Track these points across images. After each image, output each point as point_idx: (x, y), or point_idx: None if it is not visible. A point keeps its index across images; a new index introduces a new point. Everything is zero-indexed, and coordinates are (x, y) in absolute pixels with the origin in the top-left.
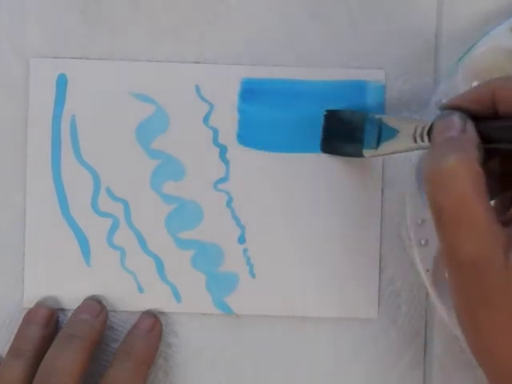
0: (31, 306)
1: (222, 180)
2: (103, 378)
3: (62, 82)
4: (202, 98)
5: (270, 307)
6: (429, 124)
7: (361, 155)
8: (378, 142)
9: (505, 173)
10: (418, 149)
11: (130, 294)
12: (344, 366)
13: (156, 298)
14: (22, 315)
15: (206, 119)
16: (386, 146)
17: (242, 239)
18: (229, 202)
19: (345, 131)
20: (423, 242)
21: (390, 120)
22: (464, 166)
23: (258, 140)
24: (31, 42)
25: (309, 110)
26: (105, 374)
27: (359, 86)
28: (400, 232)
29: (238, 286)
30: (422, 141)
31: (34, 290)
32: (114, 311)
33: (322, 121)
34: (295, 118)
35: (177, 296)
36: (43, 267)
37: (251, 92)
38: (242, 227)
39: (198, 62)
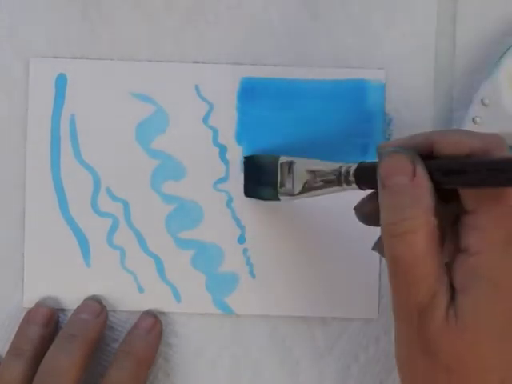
0: (31, 305)
1: (222, 180)
2: (103, 378)
3: (61, 82)
4: (202, 98)
5: (270, 307)
6: (354, 165)
7: (277, 199)
8: (294, 185)
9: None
10: (343, 191)
11: (130, 294)
12: (344, 366)
13: (156, 298)
14: (22, 315)
15: (205, 119)
16: (304, 189)
17: (241, 239)
18: (229, 202)
19: (261, 175)
20: None
21: (305, 163)
22: (419, 221)
23: (258, 140)
24: (31, 42)
25: (309, 109)
26: (105, 374)
27: (359, 86)
28: None
29: (238, 286)
30: (348, 184)
31: (34, 290)
32: (114, 311)
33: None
34: (295, 118)
35: (177, 296)
36: (43, 267)
37: (251, 92)
38: (242, 227)
39: (197, 62)
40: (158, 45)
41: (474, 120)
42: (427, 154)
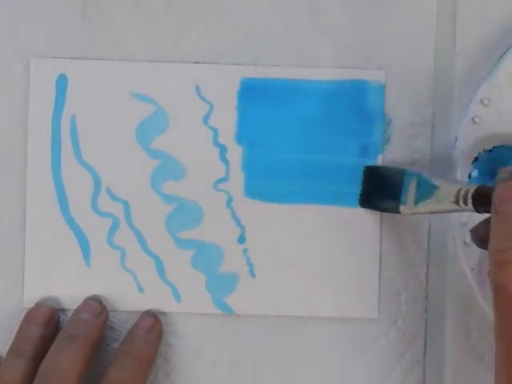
0: (31, 305)
1: (222, 180)
2: (103, 378)
3: (62, 82)
4: (202, 98)
5: (270, 307)
6: (473, 188)
7: (398, 212)
8: (416, 201)
9: None
10: (459, 211)
11: (129, 294)
12: (344, 366)
13: (156, 298)
14: (22, 315)
15: (205, 119)
16: (424, 205)
17: (241, 239)
18: (229, 202)
19: (383, 187)
20: (467, 241)
21: (429, 178)
22: None
23: (258, 140)
24: (31, 42)
25: (309, 110)
26: (105, 374)
27: (359, 86)
28: (401, 233)
29: (238, 286)
30: (466, 204)
31: (34, 290)
32: (114, 311)
33: (361, 176)
34: (295, 118)
35: (177, 296)
36: (43, 267)
37: (251, 92)
38: (242, 227)
39: (197, 62)
40: (158, 45)
41: (473, 120)
42: None
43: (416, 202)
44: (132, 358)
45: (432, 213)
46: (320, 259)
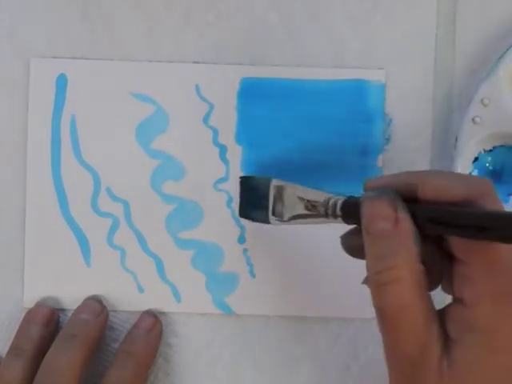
0: (31, 305)
1: (222, 180)
2: (104, 378)
3: (61, 82)
4: (202, 98)
5: (270, 307)
6: (341, 199)
7: (268, 222)
8: (283, 212)
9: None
10: (329, 222)
11: (129, 294)
12: (344, 366)
13: (156, 298)
14: (22, 315)
15: (205, 119)
16: (292, 216)
17: (241, 239)
18: (229, 202)
19: (253, 197)
20: None
21: (296, 190)
22: (404, 270)
23: (258, 140)
24: (31, 42)
25: (309, 109)
26: (105, 374)
27: (359, 86)
28: None
29: (238, 286)
30: (335, 217)
31: (34, 290)
32: (114, 311)
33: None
34: (295, 118)
35: (177, 296)
36: (43, 267)
37: (251, 92)
38: (242, 227)
39: (197, 62)
40: (158, 45)
41: (473, 120)
42: (412, 197)
43: (285, 213)
44: (132, 358)
45: (303, 223)
46: (320, 259)
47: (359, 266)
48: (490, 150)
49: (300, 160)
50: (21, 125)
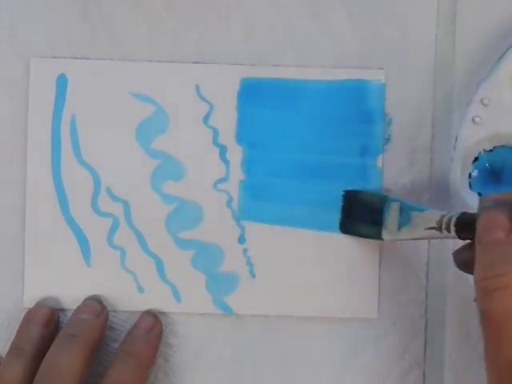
0: (31, 305)
1: (222, 180)
2: (103, 378)
3: (62, 82)
4: (202, 98)
5: (270, 307)
6: (456, 215)
7: (380, 238)
8: (399, 227)
9: None
10: (442, 238)
11: (129, 294)
12: (344, 366)
13: (156, 298)
14: (22, 315)
15: (205, 119)
16: (407, 232)
17: (241, 239)
18: (229, 202)
19: (364, 213)
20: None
21: (412, 205)
22: (511, 277)
23: (258, 140)
24: (31, 42)
25: (309, 109)
26: (105, 374)
27: (359, 86)
28: None
29: (238, 286)
30: (448, 231)
31: (34, 290)
32: (114, 311)
33: (340, 201)
34: (295, 118)
35: (177, 296)
36: (43, 267)
37: (251, 92)
38: (242, 227)
39: (197, 62)
40: (158, 45)
41: (473, 120)
42: None
43: (398, 228)
44: (132, 358)
45: (415, 239)
46: (320, 259)
47: (359, 267)
48: (490, 150)
49: (300, 160)
50: (21, 125)
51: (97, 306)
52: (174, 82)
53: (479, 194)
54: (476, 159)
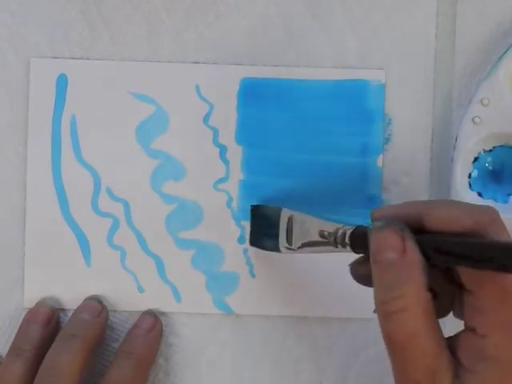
0: (31, 305)
1: (222, 180)
2: (104, 378)
3: (62, 82)
4: (202, 98)
5: (270, 307)
6: (350, 229)
7: (278, 251)
8: (294, 239)
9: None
10: (338, 251)
11: (129, 294)
12: (344, 366)
13: (156, 298)
14: (22, 315)
15: (205, 119)
16: (301, 245)
17: (241, 239)
18: (229, 202)
19: (264, 226)
20: None
21: (306, 220)
22: (411, 299)
23: (258, 140)
24: (31, 42)
25: (309, 109)
26: (105, 374)
27: (359, 86)
28: None
29: (238, 286)
30: (343, 246)
31: (34, 290)
32: (114, 311)
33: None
34: (295, 118)
35: (177, 296)
36: (43, 267)
37: (251, 92)
38: (242, 227)
39: (197, 62)
40: (158, 45)
41: (473, 120)
42: (419, 227)
43: (294, 242)
44: (132, 357)
45: (312, 252)
46: (320, 259)
47: None
48: (490, 150)
49: (300, 160)
50: (21, 125)
51: (97, 306)
52: (174, 82)
53: (479, 194)
54: (476, 159)
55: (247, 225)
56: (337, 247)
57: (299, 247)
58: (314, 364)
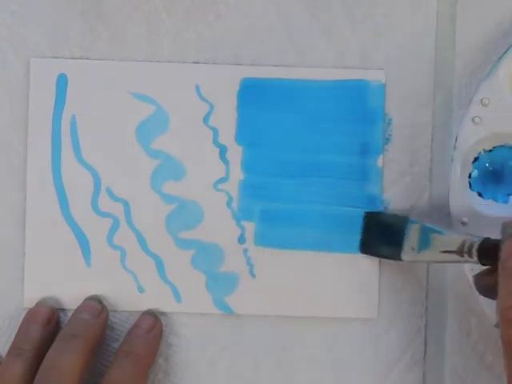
0: (31, 305)
1: (222, 180)
2: (104, 378)
3: (62, 82)
4: (202, 98)
5: (270, 307)
6: (478, 241)
7: (399, 259)
8: (419, 249)
9: None
10: (463, 262)
11: (129, 294)
12: (344, 366)
13: (156, 298)
14: (22, 315)
15: (205, 119)
16: (427, 254)
17: (241, 239)
18: (229, 202)
19: (384, 234)
20: None
21: (433, 227)
22: None
23: (258, 140)
24: (31, 42)
25: (309, 110)
26: (105, 374)
27: (359, 86)
28: None
29: (238, 286)
30: (470, 256)
31: (34, 290)
32: (114, 311)
33: (360, 222)
34: (295, 118)
35: (177, 296)
36: (43, 267)
37: (251, 92)
38: (242, 227)
39: (197, 62)
40: (158, 45)
41: (473, 120)
42: None
43: (418, 251)
44: (132, 357)
45: (434, 262)
46: (320, 259)
47: (359, 266)
48: (490, 150)
49: (300, 160)
50: (21, 125)
51: (97, 306)
52: (174, 81)
53: (479, 194)
54: (476, 159)
55: (247, 225)
56: (463, 257)
57: (424, 257)
58: (314, 364)
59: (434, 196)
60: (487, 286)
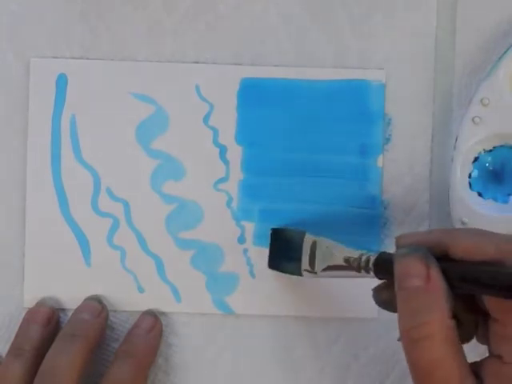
0: (31, 305)
1: (222, 180)
2: (104, 378)
3: (62, 82)
4: (202, 98)
5: (270, 307)
6: (374, 255)
7: (300, 275)
8: (317, 263)
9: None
10: (362, 277)
11: (129, 294)
12: (344, 366)
13: (156, 298)
14: (22, 315)
15: (205, 119)
16: (325, 270)
17: (241, 239)
18: (229, 202)
19: (286, 250)
20: None
21: (329, 245)
22: (435, 326)
23: (258, 140)
24: (31, 42)
25: (309, 110)
26: (105, 374)
27: (359, 86)
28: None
29: (238, 286)
30: (367, 272)
31: (34, 290)
32: (114, 311)
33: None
34: (295, 118)
35: (177, 296)
36: (43, 267)
37: (251, 92)
38: (242, 227)
39: (197, 62)
40: (158, 45)
41: (473, 120)
42: (443, 254)
43: (317, 266)
44: (132, 357)
45: (334, 277)
46: None
47: None
48: (490, 150)
49: (300, 160)
50: (21, 125)
51: (97, 306)
52: (174, 81)
53: (479, 194)
54: (476, 159)
55: (247, 225)
56: (360, 272)
57: (322, 271)
58: (314, 364)
59: (434, 196)
60: (386, 300)
